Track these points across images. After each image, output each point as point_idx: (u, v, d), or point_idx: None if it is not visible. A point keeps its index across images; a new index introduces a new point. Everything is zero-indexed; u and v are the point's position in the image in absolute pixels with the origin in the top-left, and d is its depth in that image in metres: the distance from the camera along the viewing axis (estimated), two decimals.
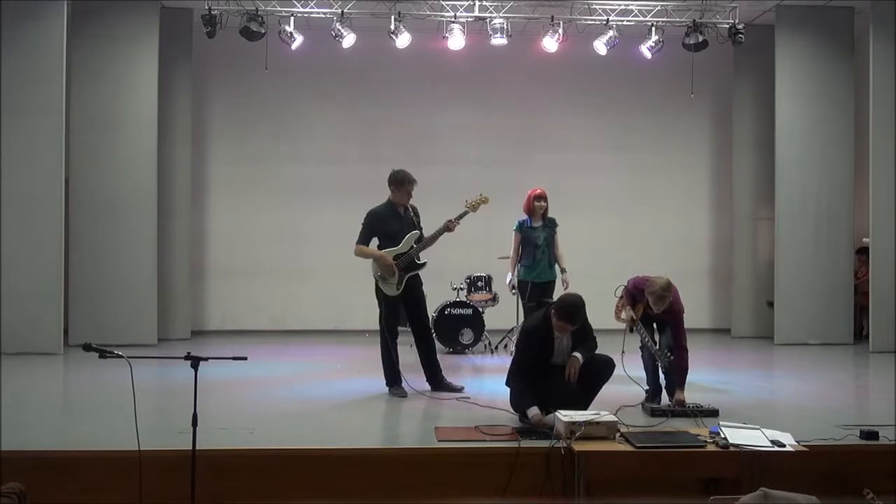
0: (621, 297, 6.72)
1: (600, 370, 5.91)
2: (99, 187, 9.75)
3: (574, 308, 5.68)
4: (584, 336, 5.92)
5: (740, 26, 9.70)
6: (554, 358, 5.88)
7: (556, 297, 7.94)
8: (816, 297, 10.27)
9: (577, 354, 5.78)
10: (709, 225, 11.91)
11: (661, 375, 6.62)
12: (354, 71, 11.10)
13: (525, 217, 8.06)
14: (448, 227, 6.83)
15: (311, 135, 11.38)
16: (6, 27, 9.09)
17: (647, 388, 6.64)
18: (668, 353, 6.30)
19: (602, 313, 11.12)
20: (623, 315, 6.67)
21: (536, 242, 7.94)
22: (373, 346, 7.40)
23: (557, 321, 5.71)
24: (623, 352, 6.28)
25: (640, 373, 6.62)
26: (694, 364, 7.25)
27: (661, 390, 6.64)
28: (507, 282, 8.22)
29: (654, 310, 6.32)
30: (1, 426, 5.26)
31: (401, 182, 6.93)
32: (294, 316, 11.36)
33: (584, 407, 5.62)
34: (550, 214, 8.14)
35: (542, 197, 8.04)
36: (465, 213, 6.91)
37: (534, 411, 5.54)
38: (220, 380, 7.01)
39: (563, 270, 8.12)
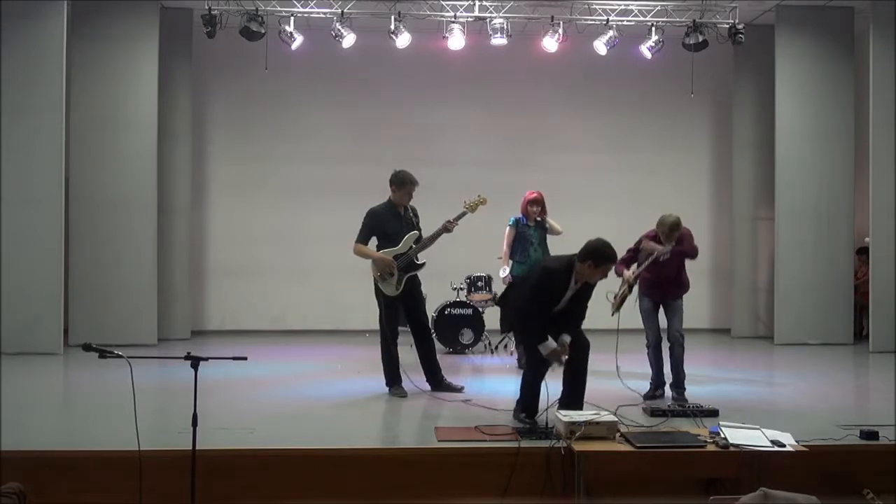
0: (618, 293, 6.84)
1: (580, 357, 5.84)
2: (99, 187, 9.75)
3: (612, 250, 5.64)
4: (585, 298, 5.87)
5: (740, 26, 9.70)
6: (557, 307, 5.80)
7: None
8: (816, 297, 10.27)
9: (567, 338, 5.71)
10: (709, 225, 11.89)
11: (667, 369, 6.69)
12: (354, 71, 11.09)
13: (521, 215, 8.20)
14: (446, 228, 6.83)
15: (311, 135, 11.38)
16: (6, 27, 9.08)
17: (634, 389, 6.71)
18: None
19: (604, 313, 11.15)
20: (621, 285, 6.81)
21: (531, 240, 8.12)
22: (373, 346, 7.39)
23: (597, 268, 5.57)
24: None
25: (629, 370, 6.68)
26: (694, 364, 7.29)
27: (664, 384, 6.70)
28: (502, 276, 8.28)
29: (665, 243, 6.64)
30: (1, 426, 5.26)
31: (402, 182, 6.94)
32: (294, 316, 11.36)
33: (579, 405, 5.64)
34: (549, 213, 8.20)
35: (535, 202, 8.15)
36: (463, 214, 6.91)
37: (550, 344, 5.58)
38: (220, 380, 7.01)
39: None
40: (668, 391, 6.77)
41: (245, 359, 4.59)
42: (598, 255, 5.57)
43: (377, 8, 9.64)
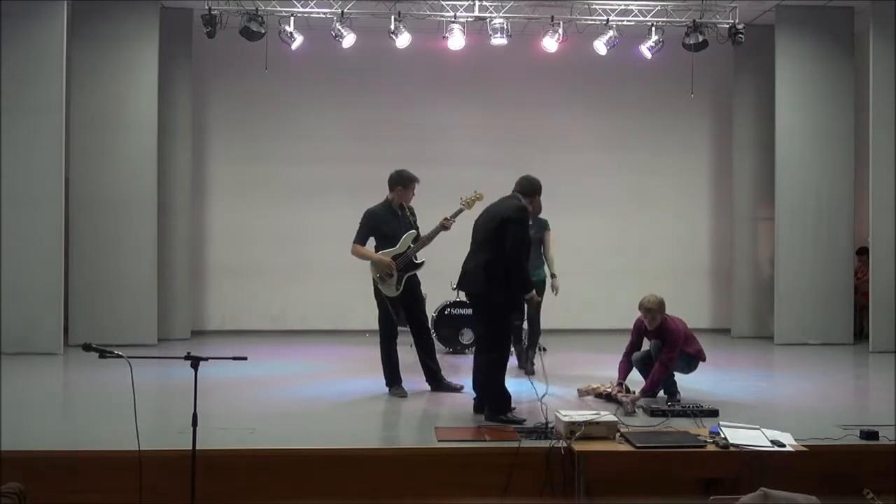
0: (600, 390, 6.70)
1: None
2: (99, 187, 9.75)
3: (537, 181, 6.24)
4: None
5: (740, 26, 9.70)
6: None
7: (546, 298, 7.96)
8: (816, 297, 10.27)
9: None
10: (709, 225, 11.91)
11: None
12: (354, 71, 11.09)
13: None
14: (444, 226, 6.82)
15: (312, 135, 11.38)
16: (6, 27, 9.08)
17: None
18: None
19: (603, 313, 11.11)
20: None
21: None
22: (373, 346, 7.40)
23: (539, 199, 6.29)
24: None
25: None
26: None
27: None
28: None
29: (647, 325, 6.56)
30: (1, 426, 5.26)
31: (409, 181, 6.95)
32: (294, 316, 11.35)
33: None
34: (549, 215, 8.14)
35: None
36: (460, 211, 6.88)
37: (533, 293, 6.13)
38: (220, 380, 7.01)
39: (552, 275, 8.00)
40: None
41: (245, 359, 4.58)
42: (537, 190, 6.22)
43: (377, 8, 9.64)
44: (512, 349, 8.17)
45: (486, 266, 5.93)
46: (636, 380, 6.69)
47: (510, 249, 5.82)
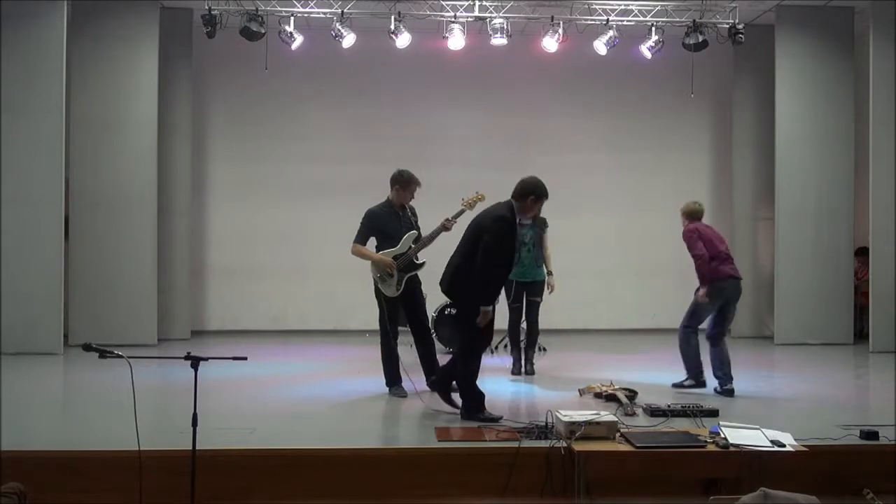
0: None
1: None
2: (99, 187, 9.75)
3: (542, 182, 5.92)
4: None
5: (740, 26, 9.70)
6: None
7: (544, 296, 7.98)
8: (816, 297, 10.27)
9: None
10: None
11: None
12: (355, 71, 11.09)
13: None
14: (445, 227, 6.79)
15: (312, 135, 11.38)
16: (6, 27, 9.09)
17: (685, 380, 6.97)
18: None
19: (603, 313, 11.10)
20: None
21: (522, 240, 7.79)
22: (373, 346, 7.39)
23: (537, 202, 5.94)
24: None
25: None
26: None
27: (702, 374, 6.98)
28: None
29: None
30: (1, 426, 5.26)
31: (407, 182, 6.94)
32: (294, 316, 11.36)
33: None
34: (548, 214, 8.12)
35: None
36: (461, 212, 6.84)
37: (489, 308, 5.80)
38: (220, 380, 7.02)
39: (549, 273, 8.04)
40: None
41: (245, 359, 4.58)
42: (539, 190, 5.92)
43: (377, 8, 9.64)
44: (511, 353, 8.23)
45: (458, 268, 6.02)
46: (636, 381, 6.69)
47: (481, 259, 5.81)
